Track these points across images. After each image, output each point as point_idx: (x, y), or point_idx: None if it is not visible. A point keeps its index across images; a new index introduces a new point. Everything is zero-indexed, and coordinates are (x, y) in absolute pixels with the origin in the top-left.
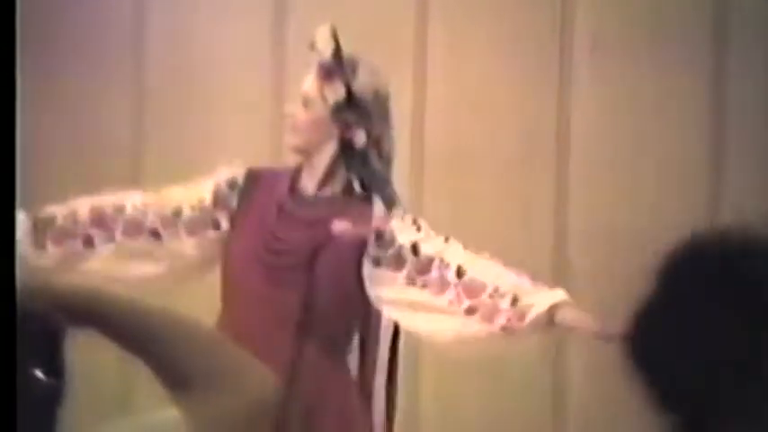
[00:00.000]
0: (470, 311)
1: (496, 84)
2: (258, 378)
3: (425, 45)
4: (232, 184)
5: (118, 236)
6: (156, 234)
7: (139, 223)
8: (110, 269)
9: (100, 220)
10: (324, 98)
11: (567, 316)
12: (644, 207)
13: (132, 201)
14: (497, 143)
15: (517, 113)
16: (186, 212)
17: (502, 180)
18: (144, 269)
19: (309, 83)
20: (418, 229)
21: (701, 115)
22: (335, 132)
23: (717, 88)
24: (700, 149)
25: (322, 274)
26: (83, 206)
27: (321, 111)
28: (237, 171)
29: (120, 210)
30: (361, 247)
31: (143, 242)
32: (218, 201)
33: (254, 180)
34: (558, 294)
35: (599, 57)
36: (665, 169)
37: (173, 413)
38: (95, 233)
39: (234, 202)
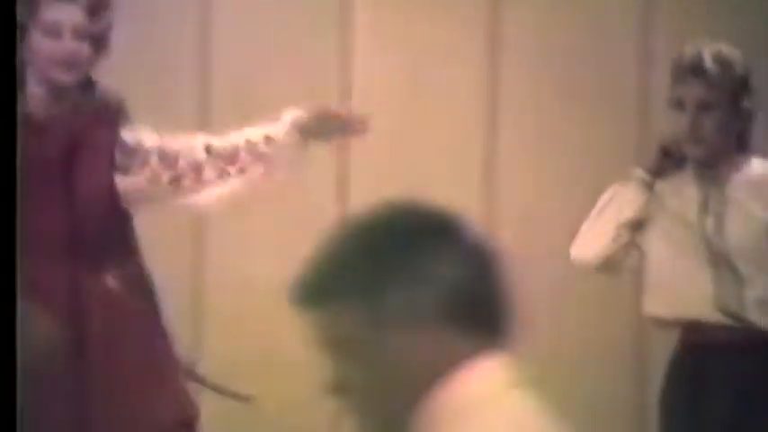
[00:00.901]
0: (241, 171)
1: (281, 25)
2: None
3: None
4: None
5: None
6: None
7: None
8: None
9: None
10: (93, 28)
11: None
12: (423, 143)
13: None
14: (281, 82)
15: (300, 54)
16: None
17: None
18: None
19: (75, 14)
20: (160, 134)
21: (477, 55)
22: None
23: (492, 28)
24: (476, 86)
25: (79, 192)
26: None
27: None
28: None
29: None
30: (110, 160)
31: None
32: None
33: None
34: (296, 111)
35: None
36: (443, 106)
37: None
38: None
39: None
